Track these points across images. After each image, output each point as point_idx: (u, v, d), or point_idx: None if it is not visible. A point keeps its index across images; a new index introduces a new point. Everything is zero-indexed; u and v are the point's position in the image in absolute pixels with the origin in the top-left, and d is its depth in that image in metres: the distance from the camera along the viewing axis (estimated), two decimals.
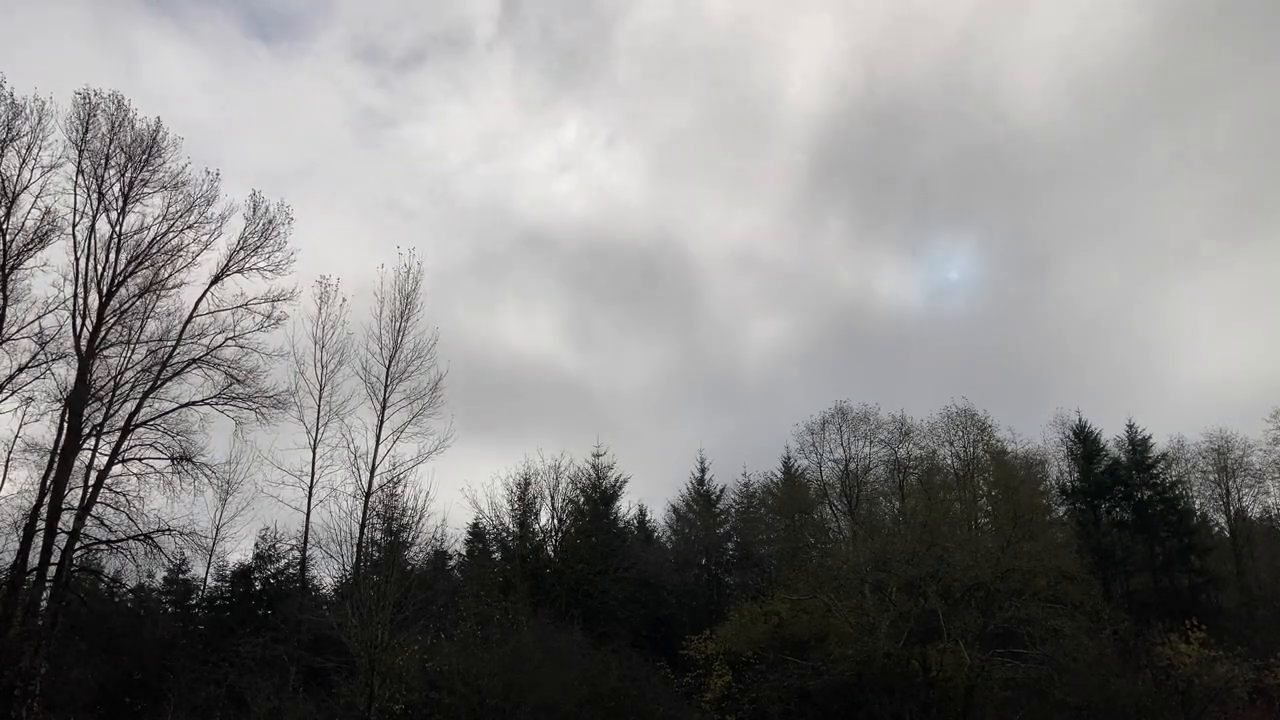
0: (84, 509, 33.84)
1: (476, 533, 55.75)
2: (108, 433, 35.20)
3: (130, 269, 36.09)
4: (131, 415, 35.58)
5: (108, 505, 34.41)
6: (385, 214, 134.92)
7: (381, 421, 38.53)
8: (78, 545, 33.79)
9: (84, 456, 34.63)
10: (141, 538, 34.21)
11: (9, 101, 33.18)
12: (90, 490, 34.14)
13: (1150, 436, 56.16)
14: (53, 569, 33.20)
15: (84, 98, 34.64)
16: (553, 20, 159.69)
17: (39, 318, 34.41)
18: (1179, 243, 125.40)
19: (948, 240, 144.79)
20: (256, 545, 51.31)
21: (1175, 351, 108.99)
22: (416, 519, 37.94)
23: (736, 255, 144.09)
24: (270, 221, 37.87)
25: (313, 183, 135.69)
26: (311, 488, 38.03)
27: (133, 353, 36.31)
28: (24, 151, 33.48)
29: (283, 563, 51.24)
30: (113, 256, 35.69)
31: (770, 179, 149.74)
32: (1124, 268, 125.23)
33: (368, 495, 37.64)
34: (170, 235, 36.77)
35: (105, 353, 35.66)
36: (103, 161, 35.26)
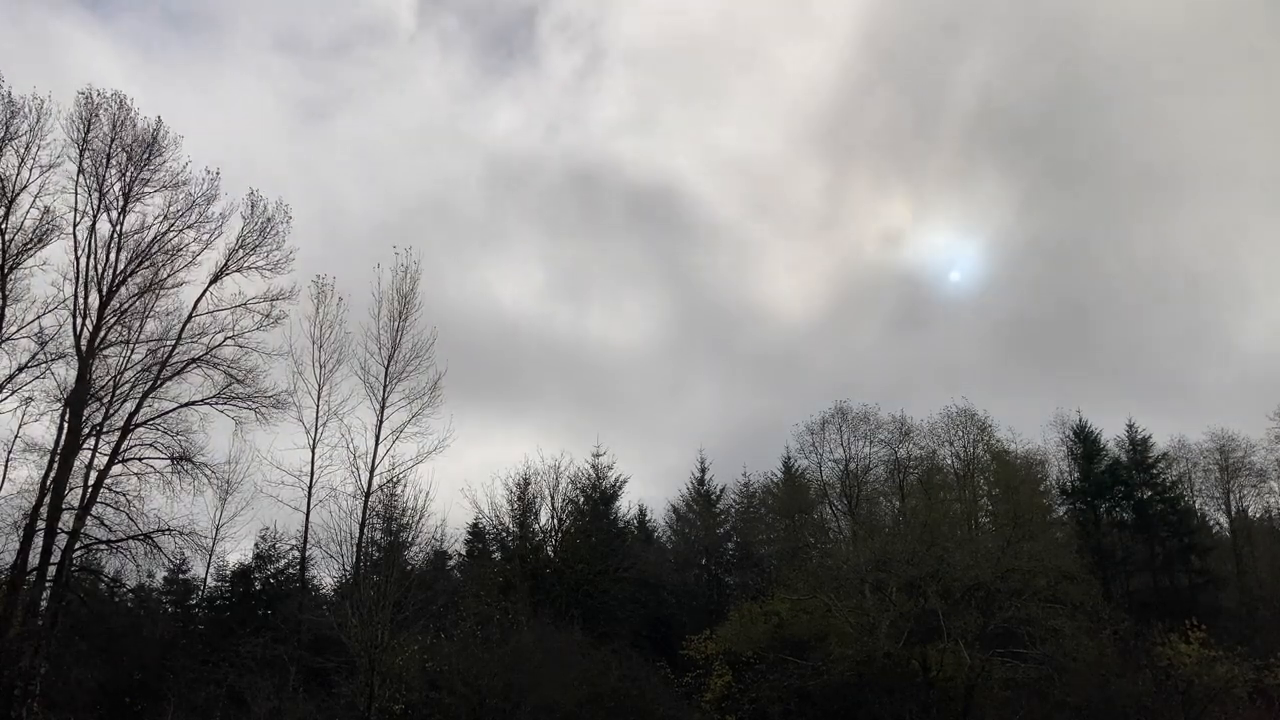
0: (84, 509, 33.77)
1: (476, 533, 55.80)
2: (107, 432, 35.12)
3: (130, 268, 36.01)
4: (131, 415, 35.49)
5: (108, 505, 34.36)
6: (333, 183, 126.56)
7: (381, 421, 38.64)
8: (78, 545, 33.72)
9: (84, 456, 34.55)
10: (141, 538, 34.13)
11: (7, 100, 33.11)
12: (90, 490, 34.06)
13: (1150, 436, 56.45)
14: (53, 569, 33.13)
15: (86, 97, 34.65)
16: None
17: (39, 317, 34.34)
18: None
19: (996, 183, 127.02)
20: (256, 545, 51.50)
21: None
22: (416, 519, 38.15)
23: (746, 194, 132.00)
24: (269, 220, 37.79)
25: (251, 175, 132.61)
26: (311, 488, 38.07)
27: (132, 352, 36.27)
28: (22, 151, 33.41)
29: (282, 563, 51.34)
30: (113, 256, 35.63)
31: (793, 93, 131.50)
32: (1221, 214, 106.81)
33: (367, 495, 37.70)
34: (170, 235, 36.71)
35: (105, 352, 35.59)
36: (104, 161, 35.17)
